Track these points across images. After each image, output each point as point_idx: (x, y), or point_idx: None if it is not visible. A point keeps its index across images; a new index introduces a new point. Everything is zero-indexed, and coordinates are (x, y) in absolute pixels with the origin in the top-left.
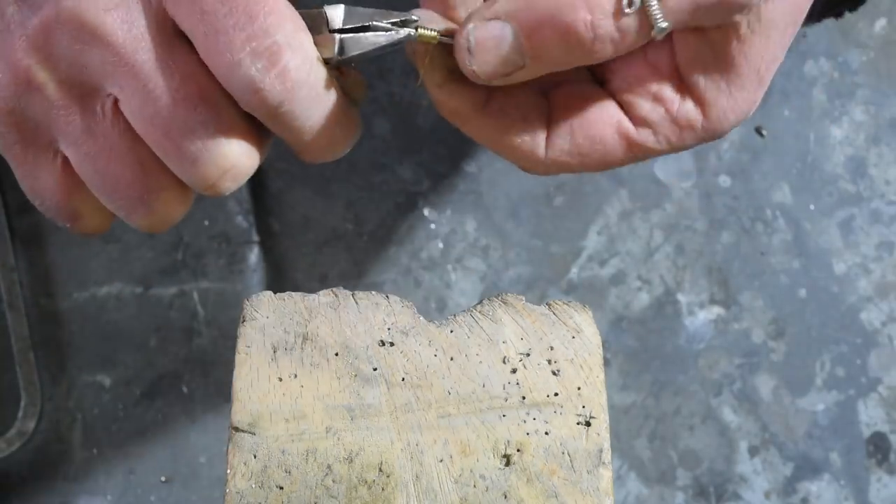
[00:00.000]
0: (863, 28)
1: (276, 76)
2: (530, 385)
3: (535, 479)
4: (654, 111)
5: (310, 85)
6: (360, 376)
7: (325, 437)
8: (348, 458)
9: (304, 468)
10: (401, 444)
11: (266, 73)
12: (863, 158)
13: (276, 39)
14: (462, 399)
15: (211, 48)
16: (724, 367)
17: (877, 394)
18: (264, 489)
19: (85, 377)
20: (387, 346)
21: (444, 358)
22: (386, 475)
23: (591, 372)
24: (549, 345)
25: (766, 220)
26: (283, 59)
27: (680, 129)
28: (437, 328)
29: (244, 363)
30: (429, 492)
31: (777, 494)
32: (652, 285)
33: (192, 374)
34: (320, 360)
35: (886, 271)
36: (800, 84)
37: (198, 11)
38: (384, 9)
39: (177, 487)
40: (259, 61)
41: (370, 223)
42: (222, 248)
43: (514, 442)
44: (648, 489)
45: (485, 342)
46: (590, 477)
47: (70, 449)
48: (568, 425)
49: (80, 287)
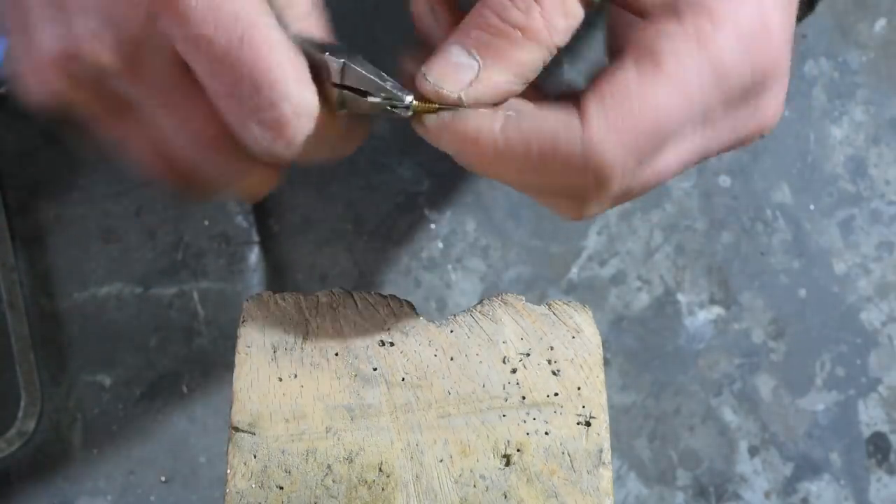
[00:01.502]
0: (863, 28)
1: (284, 144)
2: (530, 385)
3: (535, 479)
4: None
5: (316, 138)
6: (361, 376)
7: (326, 437)
8: (348, 458)
9: (304, 468)
10: (401, 444)
11: (274, 142)
12: (863, 158)
13: (283, 112)
14: (462, 399)
15: (221, 107)
16: (724, 367)
17: (877, 394)
18: (264, 489)
19: (85, 377)
20: (387, 346)
21: (444, 358)
22: (386, 475)
23: (591, 372)
24: (550, 345)
25: (766, 220)
26: (289, 129)
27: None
28: (437, 328)
29: (244, 363)
30: (429, 492)
31: (777, 494)
32: (652, 285)
33: (192, 374)
34: (320, 360)
35: (886, 271)
36: (800, 84)
37: (207, 73)
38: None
39: (177, 487)
40: (267, 133)
41: (370, 223)
42: (222, 248)
43: (514, 442)
44: (648, 489)
45: (485, 342)
46: (590, 477)
47: (70, 449)
48: (568, 425)
49: (80, 287)
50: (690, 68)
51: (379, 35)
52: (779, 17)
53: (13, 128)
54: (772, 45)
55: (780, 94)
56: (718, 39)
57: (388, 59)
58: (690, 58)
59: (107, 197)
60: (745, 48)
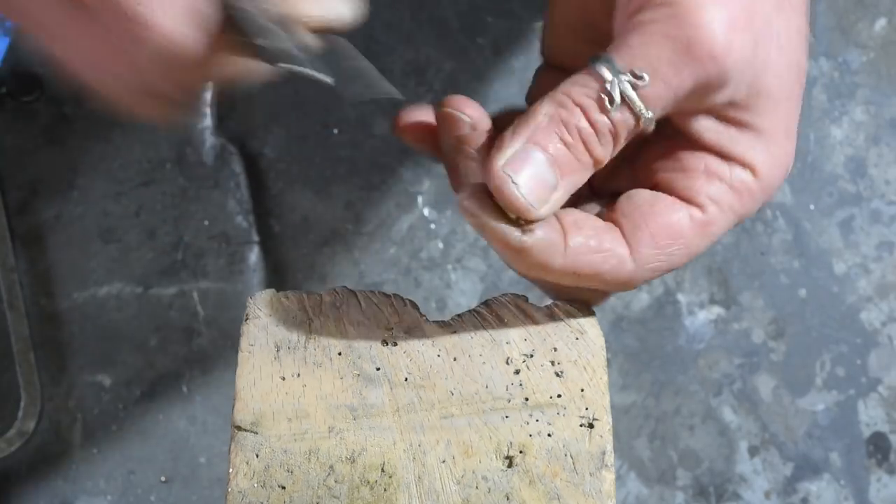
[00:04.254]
0: (863, 28)
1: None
2: (533, 386)
3: (538, 480)
4: (712, 185)
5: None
6: (363, 376)
7: (328, 436)
8: (350, 458)
9: (306, 468)
10: (403, 444)
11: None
12: (863, 158)
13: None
14: (465, 400)
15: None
16: (724, 367)
17: (877, 394)
18: (266, 488)
19: (85, 377)
20: (390, 346)
21: (447, 358)
22: (388, 476)
23: (594, 374)
24: (553, 346)
25: (766, 220)
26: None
27: (739, 195)
28: (440, 328)
29: (247, 362)
30: (431, 493)
31: (777, 494)
32: (652, 285)
33: (192, 374)
34: (323, 360)
35: (886, 271)
36: None
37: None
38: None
39: (177, 487)
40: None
41: (370, 223)
42: (222, 248)
43: (516, 443)
44: (648, 489)
45: (488, 343)
46: (592, 479)
47: (70, 449)
48: (571, 427)
49: (80, 287)
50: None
51: (379, 35)
52: None
53: (13, 128)
54: None
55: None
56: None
57: (387, 59)
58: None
59: (107, 197)
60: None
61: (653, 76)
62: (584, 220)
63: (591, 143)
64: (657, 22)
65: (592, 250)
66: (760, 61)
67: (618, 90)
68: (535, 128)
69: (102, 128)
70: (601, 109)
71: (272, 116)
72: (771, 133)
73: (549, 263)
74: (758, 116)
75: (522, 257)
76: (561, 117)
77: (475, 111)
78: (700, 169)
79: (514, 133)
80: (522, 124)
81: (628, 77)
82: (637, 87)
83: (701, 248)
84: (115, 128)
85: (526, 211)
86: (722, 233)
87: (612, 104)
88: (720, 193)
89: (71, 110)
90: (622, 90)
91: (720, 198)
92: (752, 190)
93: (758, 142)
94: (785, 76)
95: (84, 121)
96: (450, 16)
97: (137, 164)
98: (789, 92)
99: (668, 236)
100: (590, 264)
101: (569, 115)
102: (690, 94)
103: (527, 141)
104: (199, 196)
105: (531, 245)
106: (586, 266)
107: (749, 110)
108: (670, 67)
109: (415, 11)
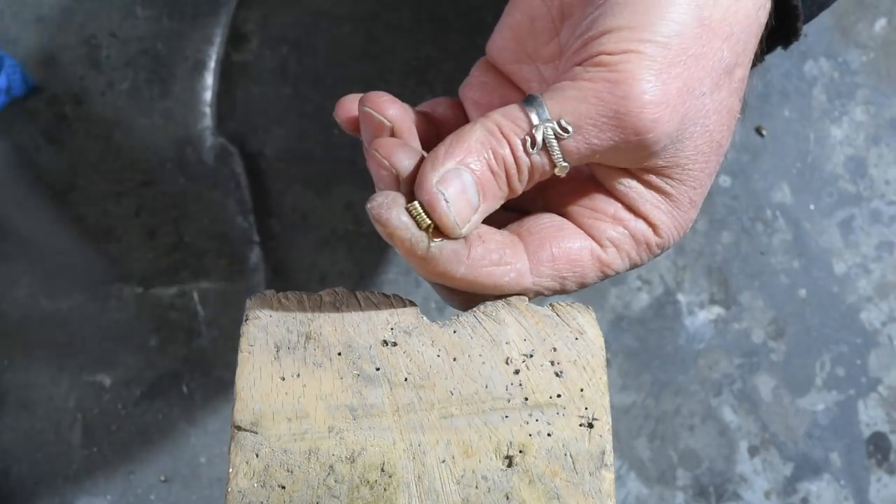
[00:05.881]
0: (863, 28)
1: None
2: (533, 386)
3: (538, 480)
4: (615, 230)
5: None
6: (363, 376)
7: (328, 436)
8: (350, 457)
9: (306, 468)
10: (403, 444)
11: None
12: (863, 158)
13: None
14: (465, 400)
15: None
16: (724, 367)
17: (877, 394)
18: (266, 488)
19: (85, 377)
20: (390, 346)
21: (447, 358)
22: (388, 475)
23: (594, 374)
24: (553, 346)
25: (766, 220)
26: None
27: (638, 245)
28: (440, 328)
29: (247, 362)
30: (431, 492)
31: (777, 494)
32: (652, 285)
33: (192, 374)
34: (323, 360)
35: (886, 271)
36: (800, 84)
37: None
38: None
39: (177, 487)
40: None
41: (370, 223)
42: (222, 248)
43: (516, 443)
44: (648, 489)
45: (488, 343)
46: (592, 479)
47: (70, 449)
48: (570, 427)
49: (81, 287)
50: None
51: (379, 35)
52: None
53: (13, 128)
54: None
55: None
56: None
57: (387, 59)
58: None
59: (107, 197)
60: None
61: (576, 131)
62: (488, 233)
63: (511, 175)
64: (595, 81)
65: (494, 262)
66: (683, 138)
67: (542, 136)
68: (468, 150)
69: (102, 128)
70: (524, 149)
71: (272, 116)
72: (678, 200)
73: (452, 272)
74: (669, 184)
75: (427, 265)
76: (491, 145)
77: (396, 110)
78: (609, 213)
79: (447, 152)
80: (457, 144)
81: (554, 126)
82: (560, 138)
83: (592, 281)
84: (115, 128)
85: (451, 229)
86: (614, 274)
87: (534, 147)
88: (622, 239)
89: (71, 110)
90: (545, 137)
91: (621, 243)
92: (650, 244)
93: (664, 204)
94: (703, 153)
95: (84, 121)
96: (450, 16)
97: (137, 164)
98: (703, 167)
99: (567, 261)
100: (489, 275)
101: (497, 146)
102: (609, 154)
103: (459, 162)
104: (199, 196)
105: (436, 255)
106: (486, 276)
107: (662, 177)
108: (595, 128)
109: (415, 11)
